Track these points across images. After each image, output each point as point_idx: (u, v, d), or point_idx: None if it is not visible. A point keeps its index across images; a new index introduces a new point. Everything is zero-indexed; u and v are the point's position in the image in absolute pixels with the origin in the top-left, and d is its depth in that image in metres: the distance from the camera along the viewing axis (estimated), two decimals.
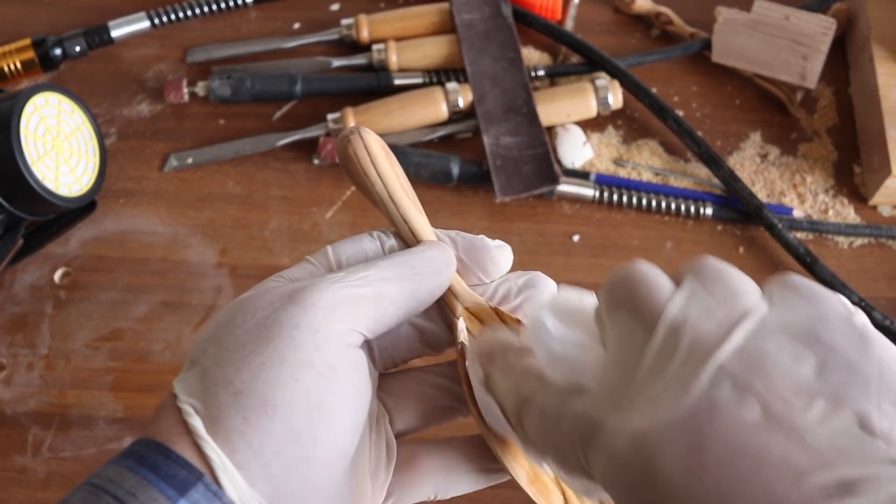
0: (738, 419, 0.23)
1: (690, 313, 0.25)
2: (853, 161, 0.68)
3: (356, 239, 0.35)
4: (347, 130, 0.35)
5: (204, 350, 0.31)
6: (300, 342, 0.29)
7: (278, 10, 0.74)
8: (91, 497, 0.27)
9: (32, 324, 0.62)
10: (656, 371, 0.25)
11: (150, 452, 0.28)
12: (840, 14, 0.71)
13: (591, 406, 0.26)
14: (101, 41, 0.70)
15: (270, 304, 0.30)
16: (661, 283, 0.26)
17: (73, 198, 0.61)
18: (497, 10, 0.70)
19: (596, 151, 0.67)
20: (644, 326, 0.26)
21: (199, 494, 0.27)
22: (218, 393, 0.29)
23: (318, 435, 0.29)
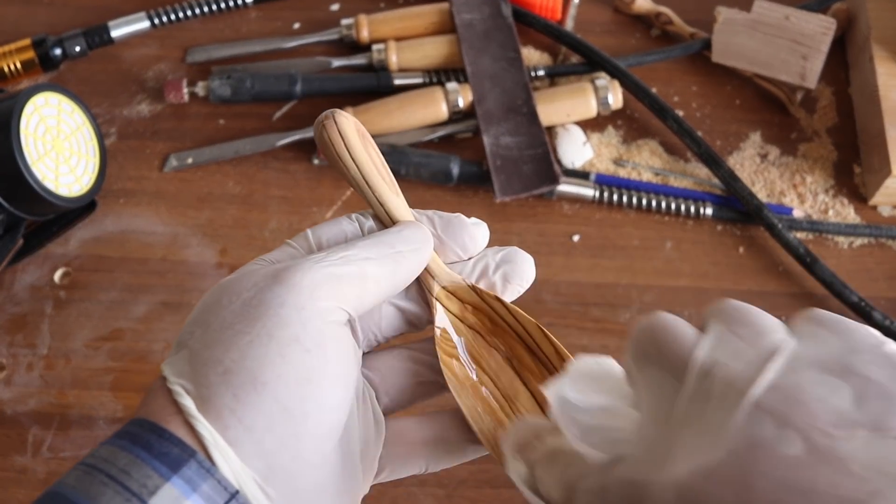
0: (781, 455, 0.23)
1: (719, 356, 0.25)
2: (853, 161, 0.68)
3: (335, 221, 0.36)
4: (322, 115, 0.36)
5: (191, 332, 0.31)
6: (287, 320, 0.30)
7: (278, 10, 0.74)
8: (85, 476, 0.28)
9: (32, 324, 0.62)
10: (692, 417, 0.24)
11: (143, 431, 0.28)
12: (840, 14, 0.71)
13: (634, 470, 0.26)
14: (101, 41, 0.70)
15: (255, 285, 0.31)
16: (685, 331, 0.26)
17: (72, 198, 0.61)
18: (497, 10, 0.70)
19: (596, 151, 0.67)
20: (674, 375, 0.26)
21: (192, 471, 0.28)
22: (207, 373, 0.29)
23: (307, 410, 0.29)
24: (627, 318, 0.62)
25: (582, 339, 0.61)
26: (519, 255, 0.37)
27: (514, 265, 0.37)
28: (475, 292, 0.36)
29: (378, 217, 0.36)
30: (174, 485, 0.27)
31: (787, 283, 0.63)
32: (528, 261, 0.37)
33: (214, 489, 0.28)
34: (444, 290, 0.36)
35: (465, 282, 0.36)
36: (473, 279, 0.36)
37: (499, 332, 0.37)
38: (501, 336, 0.37)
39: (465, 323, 0.37)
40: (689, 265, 0.64)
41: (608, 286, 0.63)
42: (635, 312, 0.62)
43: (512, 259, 0.37)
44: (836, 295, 0.61)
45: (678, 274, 0.64)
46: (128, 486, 0.27)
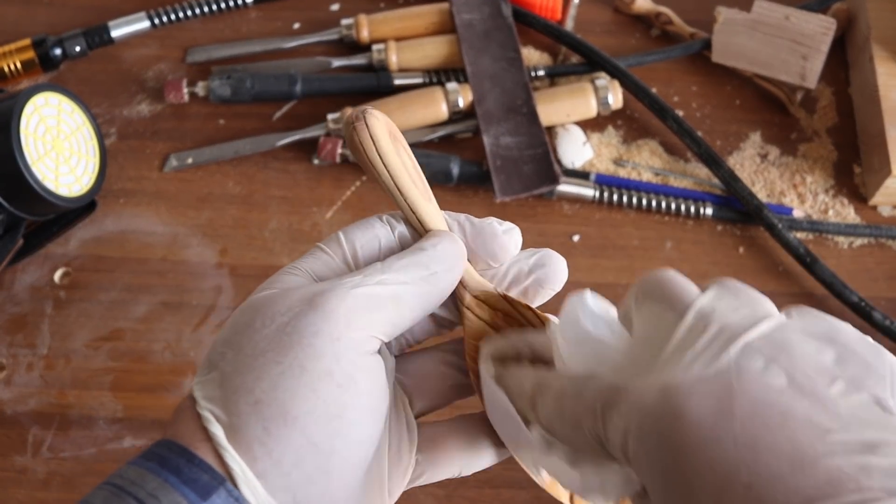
0: (764, 382, 0.24)
1: (718, 306, 0.27)
2: (853, 161, 0.68)
3: (367, 224, 0.35)
4: (353, 115, 0.35)
5: (223, 354, 0.30)
6: (320, 351, 0.29)
7: (278, 10, 0.74)
8: (113, 498, 0.27)
9: (32, 324, 0.62)
10: (685, 346, 0.26)
11: (173, 455, 0.28)
12: (840, 14, 0.71)
13: (616, 376, 0.28)
14: (101, 41, 0.70)
15: (290, 310, 0.30)
16: (688, 283, 0.29)
17: (72, 198, 0.61)
18: (497, 10, 0.70)
19: (596, 151, 0.67)
20: (674, 312, 0.27)
21: (221, 500, 0.27)
22: (238, 401, 0.29)
23: (336, 447, 0.29)
24: None
25: None
26: (553, 259, 0.36)
27: (548, 269, 0.36)
28: (506, 300, 0.36)
29: (409, 222, 0.35)
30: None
31: (787, 284, 0.63)
32: (561, 263, 0.36)
33: None
34: (474, 299, 0.35)
35: (496, 290, 0.36)
36: (506, 284, 0.36)
37: None
38: None
39: (496, 330, 0.36)
40: (689, 265, 0.64)
41: (608, 286, 0.63)
42: None
43: (546, 262, 0.36)
44: (836, 295, 0.61)
45: None
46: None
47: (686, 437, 0.24)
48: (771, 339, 0.25)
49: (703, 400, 0.24)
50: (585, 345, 0.30)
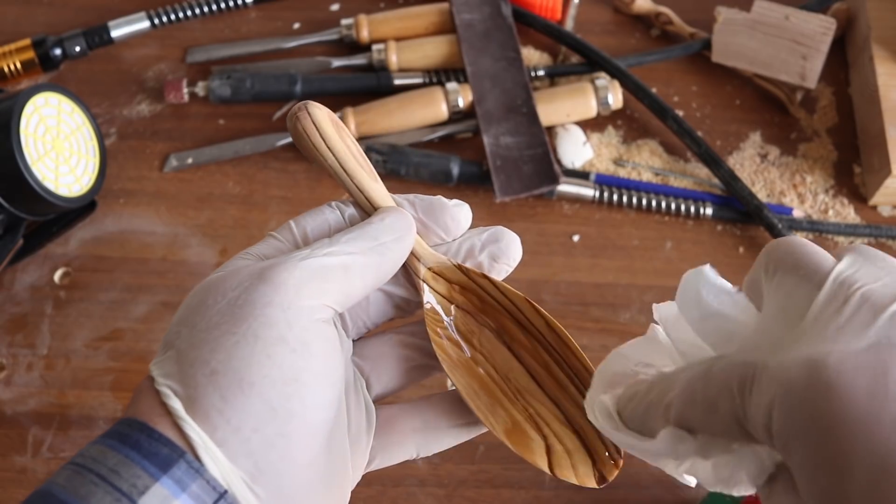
0: None
1: (858, 274, 0.26)
2: (853, 161, 0.68)
3: (317, 211, 0.36)
4: (295, 107, 0.36)
5: (178, 332, 0.31)
6: (273, 319, 0.30)
7: (278, 11, 0.74)
8: (75, 476, 0.28)
9: (32, 324, 0.62)
10: (827, 318, 0.25)
11: (132, 431, 0.29)
12: (840, 14, 0.71)
13: (749, 353, 0.27)
14: (100, 41, 0.70)
15: (241, 284, 0.31)
16: (821, 251, 0.28)
17: (72, 198, 0.61)
18: (497, 10, 0.70)
19: (596, 151, 0.67)
20: (810, 282, 0.26)
21: (182, 471, 0.28)
22: (195, 374, 0.29)
23: (294, 409, 0.29)
24: (627, 318, 0.62)
25: (582, 339, 0.61)
26: (505, 234, 0.37)
27: (501, 244, 0.36)
28: (461, 271, 0.36)
29: (359, 204, 0.36)
30: (163, 484, 0.27)
31: None
32: (514, 239, 0.37)
33: (203, 489, 0.28)
34: (430, 272, 0.36)
35: (451, 262, 0.36)
36: (460, 260, 0.36)
37: (488, 310, 0.37)
38: (491, 313, 0.37)
39: (453, 303, 0.37)
40: (689, 265, 0.63)
41: (608, 286, 0.63)
42: (635, 312, 0.62)
43: (498, 238, 0.37)
44: None
45: (678, 274, 0.63)
46: (118, 486, 0.27)
47: (839, 414, 0.23)
48: None
49: (857, 375, 0.23)
50: (710, 322, 0.29)
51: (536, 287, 0.63)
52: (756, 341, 0.27)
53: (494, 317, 0.37)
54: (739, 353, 0.28)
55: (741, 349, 0.28)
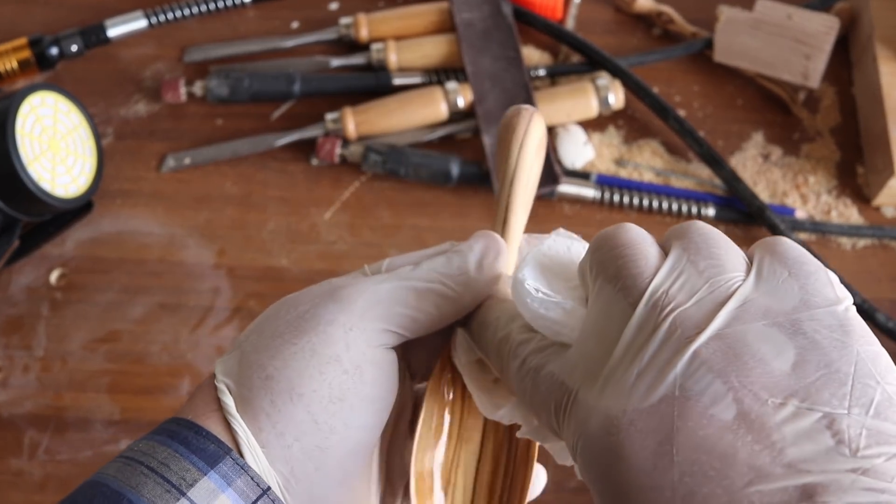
0: (709, 416, 0.23)
1: (673, 291, 0.25)
2: (856, 161, 0.67)
3: (418, 252, 0.36)
4: (525, 106, 0.36)
5: (247, 336, 0.33)
6: (333, 338, 0.31)
7: (276, 10, 0.73)
8: (126, 467, 0.29)
9: (28, 325, 0.61)
10: (634, 351, 0.25)
11: (181, 428, 0.30)
12: (843, 13, 0.70)
13: (567, 373, 0.27)
14: (97, 40, 0.69)
15: (312, 300, 0.32)
16: (646, 252, 0.27)
17: (69, 198, 0.60)
18: (497, 10, 0.69)
19: (597, 152, 0.67)
20: (626, 300, 0.26)
21: (228, 467, 0.29)
22: (251, 375, 0.31)
23: (335, 427, 0.31)
24: None
25: None
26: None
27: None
28: None
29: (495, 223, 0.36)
30: (211, 479, 0.29)
31: None
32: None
33: (248, 485, 0.29)
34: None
35: None
36: None
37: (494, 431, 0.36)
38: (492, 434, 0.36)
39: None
40: None
41: None
42: None
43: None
44: None
45: None
46: (167, 478, 0.28)
47: (625, 482, 0.23)
48: (725, 343, 0.23)
49: (643, 440, 0.23)
50: (539, 322, 0.30)
51: None
52: (575, 360, 0.27)
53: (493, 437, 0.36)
54: (561, 365, 0.27)
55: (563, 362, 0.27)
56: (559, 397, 0.27)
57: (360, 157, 0.65)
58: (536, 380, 0.28)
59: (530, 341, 0.30)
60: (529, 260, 0.31)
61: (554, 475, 0.57)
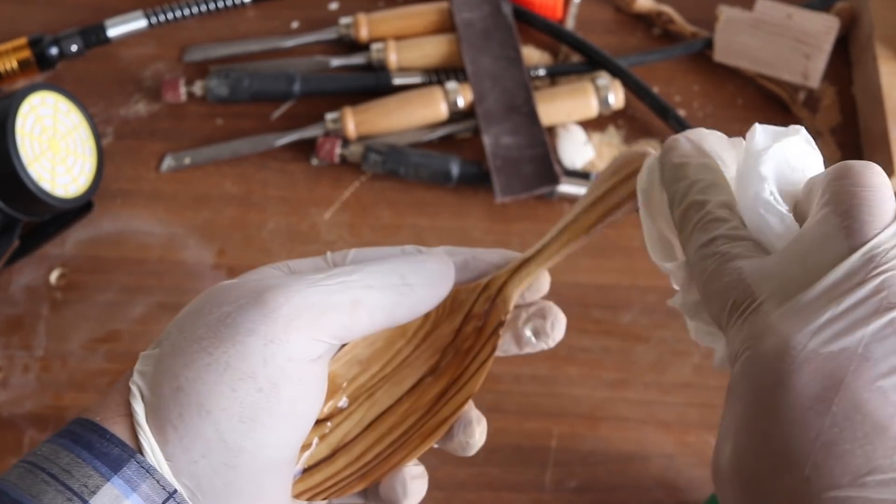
0: (878, 384, 0.24)
1: (892, 253, 0.25)
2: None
3: (384, 249, 0.35)
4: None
5: (169, 332, 0.31)
6: (249, 351, 0.29)
7: (276, 9, 0.73)
8: (27, 474, 0.28)
9: (28, 325, 0.61)
10: (834, 294, 0.25)
11: (85, 431, 0.29)
12: (843, 13, 0.70)
13: (758, 279, 0.27)
14: (97, 40, 0.69)
15: (238, 300, 0.31)
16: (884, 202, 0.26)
17: (69, 198, 0.60)
18: (497, 9, 0.69)
19: (597, 151, 0.67)
20: (846, 241, 0.26)
21: (132, 471, 0.28)
22: (163, 383, 0.30)
23: (245, 446, 0.29)
24: (628, 319, 0.61)
25: (583, 340, 0.60)
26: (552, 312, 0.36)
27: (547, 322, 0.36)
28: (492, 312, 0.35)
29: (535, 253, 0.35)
30: (114, 484, 0.28)
31: None
32: (561, 320, 0.36)
33: (153, 488, 0.28)
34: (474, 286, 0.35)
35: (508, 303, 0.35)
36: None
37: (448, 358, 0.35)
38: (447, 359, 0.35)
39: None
40: None
41: (609, 287, 0.62)
42: (636, 314, 0.62)
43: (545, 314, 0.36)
44: None
45: None
46: (69, 486, 0.28)
47: (779, 407, 0.24)
48: None
49: (811, 380, 0.24)
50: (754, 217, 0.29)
51: None
52: (771, 271, 0.27)
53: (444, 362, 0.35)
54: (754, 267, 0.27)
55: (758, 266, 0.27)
56: (740, 297, 0.27)
57: (360, 157, 0.65)
58: (721, 267, 0.28)
59: (726, 222, 0.29)
60: (772, 155, 0.29)
61: (554, 475, 0.57)
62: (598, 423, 0.58)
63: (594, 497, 0.56)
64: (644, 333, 0.61)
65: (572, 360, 0.60)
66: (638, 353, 0.60)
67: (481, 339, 0.35)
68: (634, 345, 0.61)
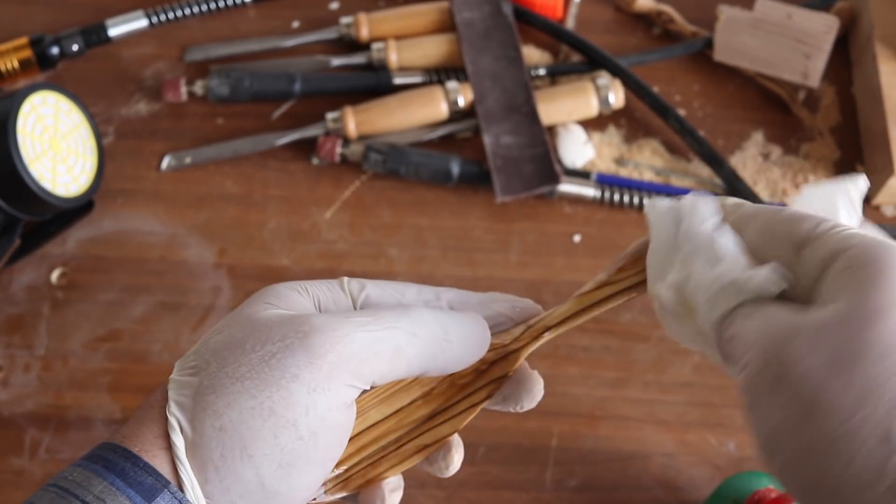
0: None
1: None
2: (856, 160, 0.67)
3: (401, 286, 0.35)
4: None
5: (208, 363, 0.31)
6: (294, 399, 0.30)
7: (277, 9, 0.73)
8: (59, 500, 0.28)
9: (30, 325, 0.61)
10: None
11: (117, 458, 0.29)
12: (843, 12, 0.70)
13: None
14: (98, 40, 0.69)
15: (283, 338, 0.30)
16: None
17: (70, 198, 0.60)
18: (497, 9, 0.69)
19: (597, 151, 0.67)
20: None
21: (165, 501, 0.29)
22: (205, 421, 0.30)
23: (280, 490, 0.30)
24: (629, 319, 0.61)
25: (583, 339, 0.60)
26: (530, 380, 0.36)
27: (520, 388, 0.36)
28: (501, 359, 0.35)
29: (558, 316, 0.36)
30: None
31: None
32: (536, 395, 0.36)
33: None
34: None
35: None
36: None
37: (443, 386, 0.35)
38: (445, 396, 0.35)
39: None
40: None
41: None
42: (637, 313, 0.62)
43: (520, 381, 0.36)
44: None
45: None
46: None
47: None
48: None
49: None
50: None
51: (537, 288, 0.62)
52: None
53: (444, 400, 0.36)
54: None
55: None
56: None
57: (360, 157, 0.65)
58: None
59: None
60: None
61: (554, 473, 0.57)
62: (599, 422, 0.58)
63: (594, 496, 0.56)
64: (644, 332, 0.61)
65: (572, 359, 0.60)
66: (638, 353, 0.60)
67: (480, 381, 0.35)
68: (635, 344, 0.61)
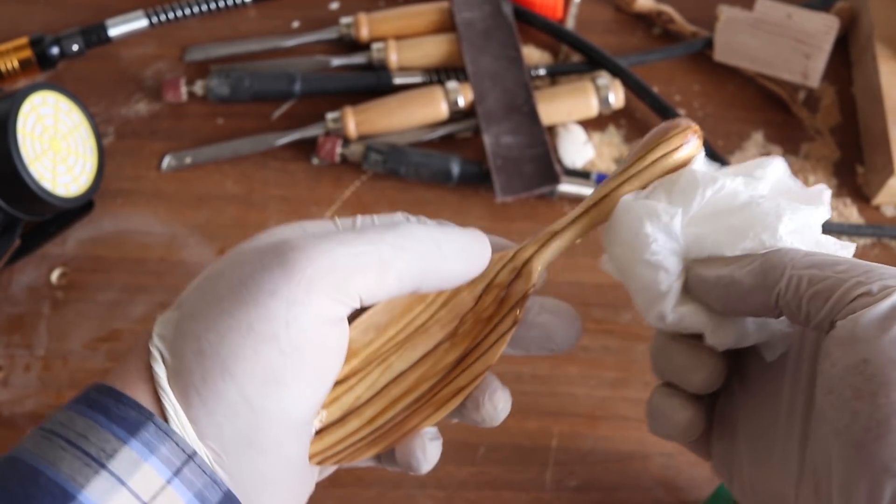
0: None
1: None
2: (856, 160, 0.67)
3: (391, 215, 0.34)
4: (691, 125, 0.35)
5: (189, 295, 0.31)
6: (272, 314, 0.29)
7: (277, 9, 0.73)
8: (44, 441, 0.28)
9: (29, 325, 0.61)
10: None
11: (101, 396, 0.29)
12: (843, 12, 0.70)
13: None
14: (98, 40, 0.69)
15: (260, 259, 0.30)
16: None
17: (70, 198, 0.60)
18: (497, 9, 0.69)
19: (597, 151, 0.67)
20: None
21: (150, 434, 0.28)
22: (185, 346, 0.29)
23: (269, 407, 0.29)
24: (629, 318, 0.61)
25: (583, 339, 0.60)
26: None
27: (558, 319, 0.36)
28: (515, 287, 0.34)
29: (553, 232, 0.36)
30: (132, 447, 0.28)
31: None
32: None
33: (172, 451, 0.28)
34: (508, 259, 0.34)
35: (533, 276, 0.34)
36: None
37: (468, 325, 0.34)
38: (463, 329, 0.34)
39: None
40: None
41: (609, 287, 0.63)
42: (637, 313, 0.62)
43: (556, 311, 0.36)
44: None
45: None
46: (86, 451, 0.27)
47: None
48: None
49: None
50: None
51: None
52: None
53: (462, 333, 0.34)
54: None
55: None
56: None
57: (360, 157, 0.65)
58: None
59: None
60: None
61: (554, 473, 0.57)
62: (599, 422, 0.58)
63: (594, 496, 0.56)
64: (644, 332, 0.61)
65: (572, 359, 0.60)
66: (638, 352, 0.60)
67: (503, 309, 0.34)
68: (634, 344, 0.61)
